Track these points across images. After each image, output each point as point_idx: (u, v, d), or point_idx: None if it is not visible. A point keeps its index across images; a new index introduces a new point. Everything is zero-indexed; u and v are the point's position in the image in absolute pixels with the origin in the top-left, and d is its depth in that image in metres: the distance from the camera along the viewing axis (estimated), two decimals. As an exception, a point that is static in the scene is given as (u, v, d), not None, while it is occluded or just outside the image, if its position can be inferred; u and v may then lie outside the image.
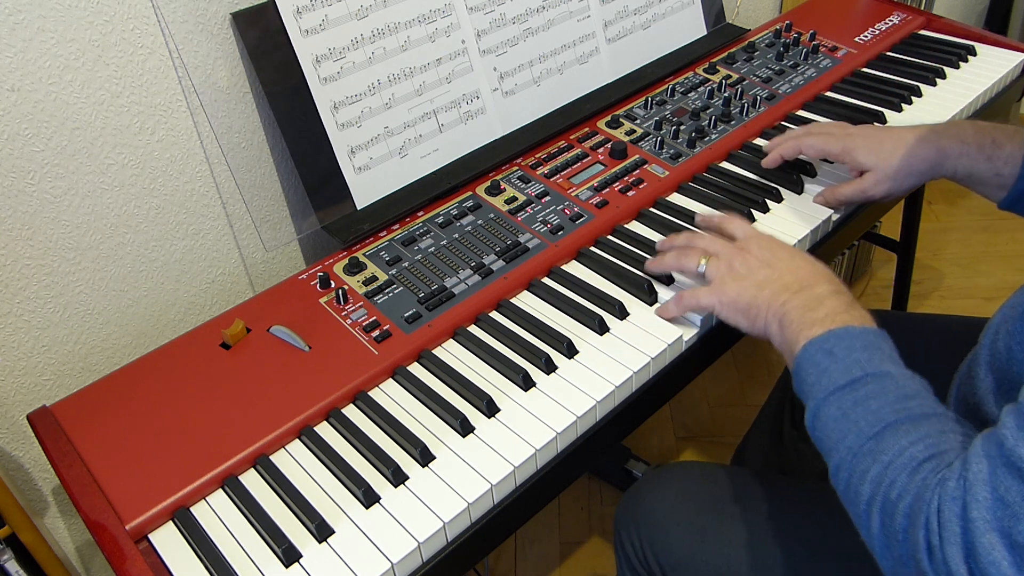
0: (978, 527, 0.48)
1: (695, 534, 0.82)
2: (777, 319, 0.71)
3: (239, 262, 1.05)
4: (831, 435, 0.62)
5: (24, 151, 0.81)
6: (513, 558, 1.47)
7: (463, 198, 0.99)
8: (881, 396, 0.60)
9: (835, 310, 0.68)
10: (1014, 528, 0.47)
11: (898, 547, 0.54)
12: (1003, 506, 0.48)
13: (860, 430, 0.59)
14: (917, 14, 1.37)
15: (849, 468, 0.59)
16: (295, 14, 0.88)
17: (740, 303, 0.75)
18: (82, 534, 1.04)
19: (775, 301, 0.72)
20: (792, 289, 0.72)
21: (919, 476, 0.54)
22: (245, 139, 0.97)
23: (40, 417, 0.76)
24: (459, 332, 0.83)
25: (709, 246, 0.81)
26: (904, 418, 0.58)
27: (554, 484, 0.74)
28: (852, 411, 0.60)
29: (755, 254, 0.78)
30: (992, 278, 2.00)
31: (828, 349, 0.64)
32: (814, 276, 0.73)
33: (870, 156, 0.90)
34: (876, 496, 0.56)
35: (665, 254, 0.85)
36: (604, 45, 1.17)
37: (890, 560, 0.55)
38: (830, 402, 0.62)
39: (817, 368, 0.64)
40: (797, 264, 0.75)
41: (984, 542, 0.48)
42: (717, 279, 0.78)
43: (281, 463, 0.72)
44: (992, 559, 0.47)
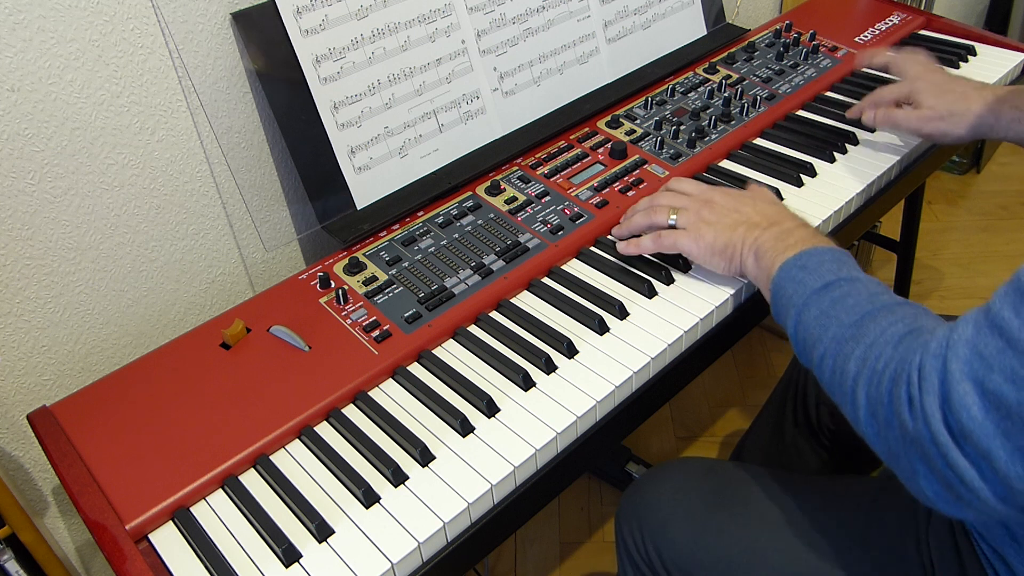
0: (955, 377, 0.52)
1: (696, 529, 0.82)
2: (752, 252, 0.78)
3: (239, 262, 1.05)
4: (813, 332, 0.67)
5: (24, 151, 0.81)
6: (513, 558, 1.47)
7: (463, 198, 0.99)
8: (855, 294, 0.66)
9: (804, 237, 0.75)
10: (987, 377, 0.51)
11: (883, 410, 0.58)
12: (980, 358, 0.51)
13: (840, 321, 0.65)
14: (917, 14, 1.37)
15: (834, 354, 0.64)
16: (295, 14, 0.88)
17: (717, 245, 0.82)
18: (82, 534, 1.04)
19: (748, 237, 0.79)
20: (762, 226, 0.79)
21: (903, 346, 0.59)
22: (245, 139, 0.97)
23: (40, 417, 0.76)
24: (459, 332, 0.83)
25: (674, 201, 0.87)
26: (880, 306, 0.64)
27: (554, 484, 0.74)
28: (831, 308, 0.66)
29: (720, 202, 0.84)
30: (992, 278, 2.00)
31: (802, 264, 0.71)
32: (779, 213, 0.81)
33: (933, 98, 0.97)
34: (863, 370, 0.61)
35: (632, 217, 0.90)
36: (604, 45, 1.17)
37: (875, 426, 0.60)
38: (809, 304, 0.68)
39: (794, 281, 0.71)
40: (760, 206, 0.83)
41: (959, 389, 0.52)
42: (691, 226, 0.84)
43: (281, 463, 0.72)
44: (964, 403, 0.51)
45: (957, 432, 0.52)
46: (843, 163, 1.04)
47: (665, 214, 0.86)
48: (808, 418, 1.10)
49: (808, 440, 1.11)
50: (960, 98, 0.96)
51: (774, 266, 0.74)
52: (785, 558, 0.78)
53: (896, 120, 1.01)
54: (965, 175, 2.35)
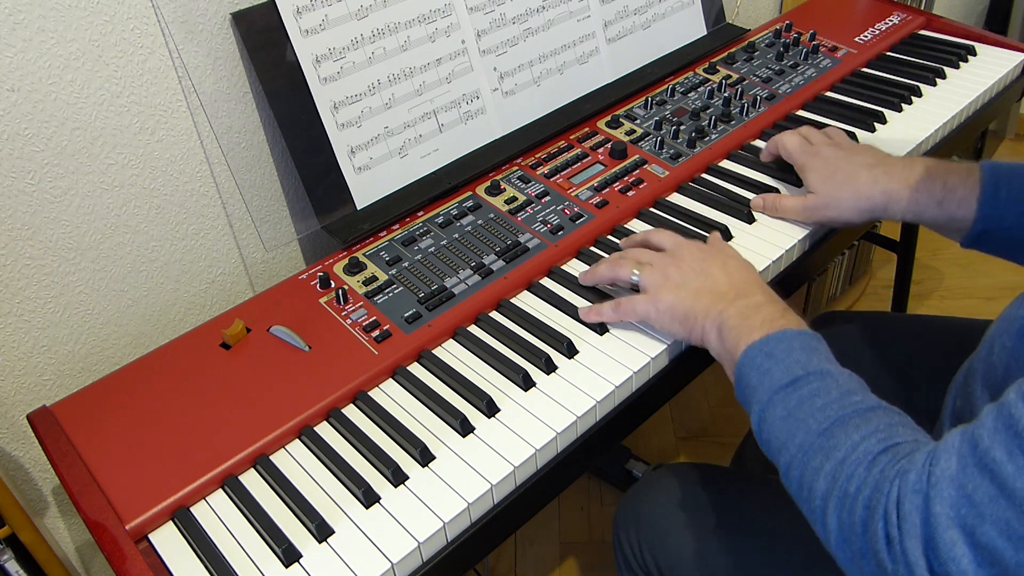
0: (940, 522, 0.48)
1: (694, 536, 0.82)
2: (715, 327, 0.72)
3: (239, 262, 1.05)
4: (779, 435, 0.62)
5: (24, 151, 0.81)
6: (513, 558, 1.47)
7: (463, 198, 0.99)
8: (824, 394, 0.61)
9: (771, 316, 0.69)
10: (978, 527, 0.46)
11: (857, 540, 0.53)
12: (969, 504, 0.47)
13: (808, 428, 0.59)
14: (917, 14, 1.37)
15: (801, 466, 0.59)
16: (295, 14, 0.88)
17: (677, 312, 0.75)
18: (82, 534, 1.04)
19: (712, 309, 0.73)
20: (728, 298, 0.73)
21: (876, 468, 0.54)
22: (245, 139, 0.97)
23: (40, 417, 0.76)
24: (459, 332, 0.83)
25: (641, 256, 0.81)
26: (851, 413, 0.58)
27: (554, 484, 0.74)
28: (798, 409, 0.61)
29: (688, 263, 0.78)
30: (992, 278, 2.00)
31: (768, 352, 0.65)
32: (748, 284, 0.74)
33: (819, 182, 0.89)
34: (833, 491, 0.56)
35: (598, 266, 0.84)
36: (604, 45, 1.17)
37: (848, 553, 0.55)
38: (775, 402, 0.63)
39: (759, 371, 0.65)
40: (730, 273, 0.76)
41: (946, 538, 0.47)
42: (652, 288, 0.78)
43: (281, 463, 0.72)
44: (953, 555, 0.47)
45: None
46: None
47: (629, 269, 0.80)
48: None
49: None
50: (847, 182, 0.86)
51: (738, 347, 0.67)
52: (783, 566, 0.78)
53: (783, 207, 0.93)
54: (965, 175, 2.34)
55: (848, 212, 0.87)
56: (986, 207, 0.79)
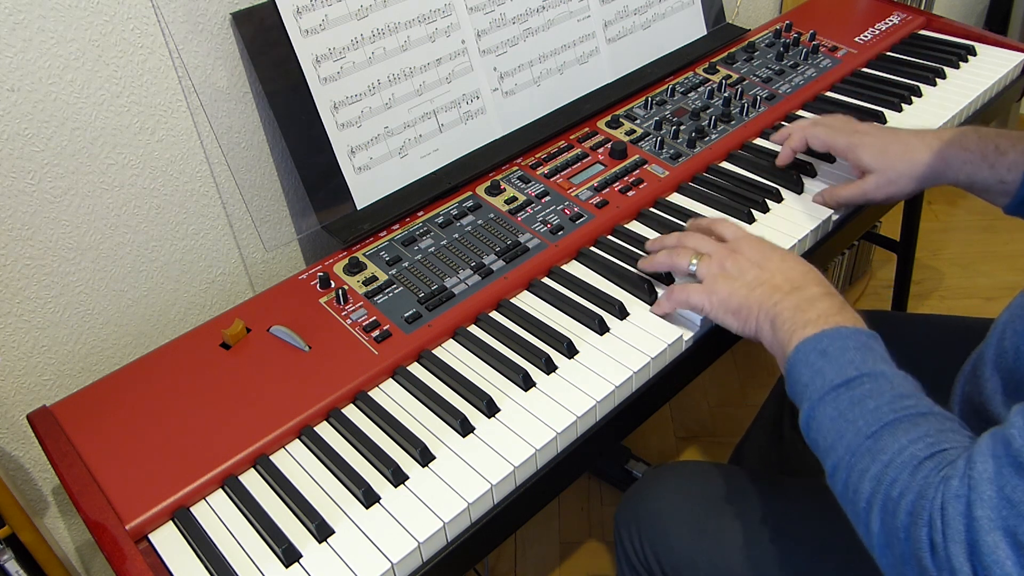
0: (982, 525, 0.48)
1: (695, 533, 0.82)
2: (769, 320, 0.71)
3: (239, 262, 1.05)
4: (828, 436, 0.61)
5: (24, 151, 0.81)
6: (513, 558, 1.47)
7: (463, 198, 0.99)
8: (877, 396, 0.60)
9: (827, 311, 0.68)
10: (1019, 527, 0.47)
11: (900, 545, 0.53)
12: (1008, 505, 0.48)
13: (858, 429, 0.59)
14: (917, 14, 1.37)
15: (848, 467, 0.59)
16: (295, 14, 0.88)
17: (731, 303, 0.75)
18: (82, 534, 1.04)
19: (767, 302, 0.72)
20: (784, 290, 0.72)
21: (921, 474, 0.54)
22: (245, 139, 0.97)
23: (40, 417, 0.76)
24: (459, 332, 0.83)
25: (700, 245, 0.81)
26: (902, 417, 0.58)
27: (554, 484, 0.74)
28: (849, 411, 0.60)
29: (746, 255, 0.77)
30: (992, 278, 2.00)
31: (822, 349, 0.64)
32: (805, 278, 0.73)
33: (875, 158, 0.89)
34: (877, 494, 0.56)
35: (656, 253, 0.85)
36: (604, 45, 1.17)
37: (891, 558, 0.55)
38: (826, 402, 0.62)
39: (811, 368, 0.64)
40: (788, 266, 0.75)
41: (988, 540, 0.48)
42: (708, 278, 0.78)
43: (281, 463, 0.72)
44: (996, 558, 0.47)
45: None
46: (843, 163, 1.04)
47: (687, 259, 0.80)
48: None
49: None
50: (903, 153, 0.88)
51: (791, 342, 0.67)
52: (784, 563, 0.78)
53: (842, 197, 0.94)
54: (965, 175, 2.34)
55: (910, 184, 0.88)
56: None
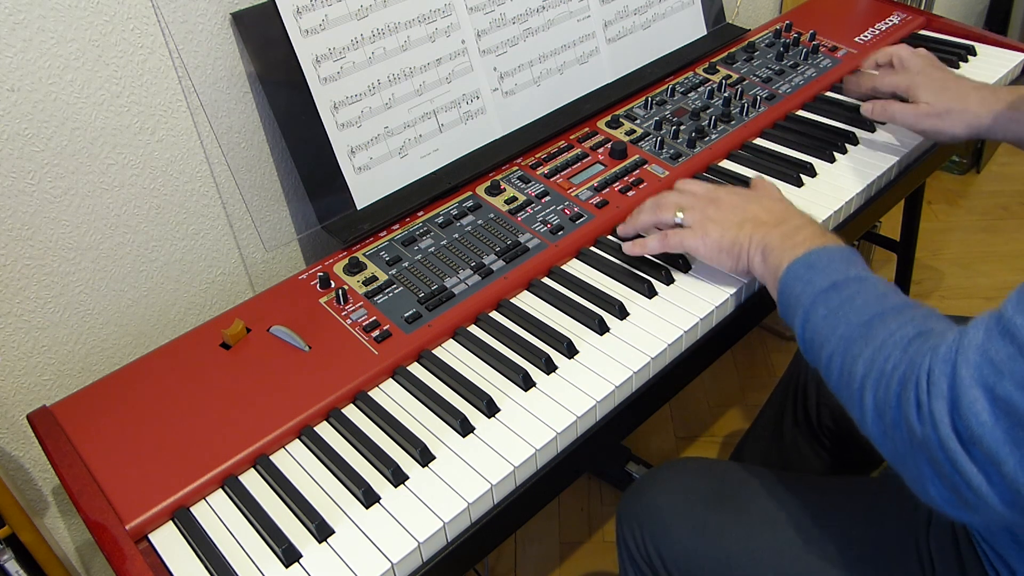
0: (964, 382, 0.52)
1: (697, 528, 0.83)
2: (759, 251, 0.77)
3: (239, 262, 1.05)
4: (821, 332, 0.66)
5: (24, 151, 0.81)
6: (513, 558, 1.47)
7: (463, 198, 0.99)
8: (864, 294, 0.66)
9: (811, 235, 0.74)
10: (997, 384, 0.50)
11: (890, 412, 0.58)
12: (990, 364, 0.51)
13: (849, 321, 0.64)
14: (917, 14, 1.37)
15: (842, 354, 0.63)
16: (295, 14, 0.88)
17: (724, 243, 0.81)
18: (82, 534, 1.04)
19: (756, 235, 0.78)
20: (770, 224, 0.79)
21: (912, 348, 0.58)
22: (245, 139, 0.97)
23: (40, 417, 0.76)
24: (459, 332, 0.83)
25: (681, 200, 0.86)
26: (889, 308, 0.64)
27: (554, 484, 0.74)
28: (839, 308, 0.66)
29: (726, 200, 0.84)
30: (992, 278, 2.00)
31: (810, 263, 0.70)
32: (786, 211, 0.80)
33: (933, 95, 0.98)
34: (871, 372, 0.60)
35: (638, 214, 0.89)
36: (604, 45, 1.17)
37: (880, 427, 0.59)
38: (817, 304, 0.67)
39: (801, 281, 0.70)
40: (768, 203, 0.82)
41: (969, 395, 0.51)
42: (696, 224, 0.83)
43: (281, 463, 0.72)
44: (974, 410, 0.51)
45: (966, 437, 0.52)
46: (843, 163, 1.04)
47: (671, 211, 0.85)
48: (808, 418, 1.10)
49: (808, 440, 1.11)
50: (958, 96, 0.96)
51: (781, 265, 0.73)
52: (785, 558, 0.78)
53: (892, 113, 1.01)
54: (965, 175, 2.35)
55: (957, 127, 0.96)
56: None
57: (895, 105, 1.01)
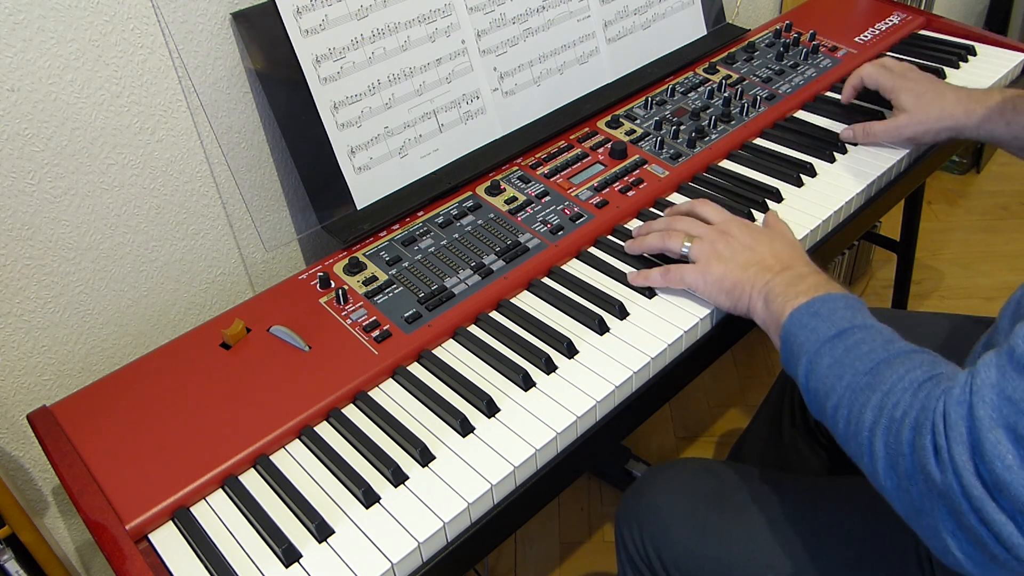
0: (984, 424, 0.49)
1: (696, 529, 0.83)
2: (762, 296, 0.76)
3: (239, 262, 1.05)
4: (826, 381, 0.64)
5: (24, 151, 0.81)
6: (513, 558, 1.47)
7: (463, 198, 0.99)
8: (869, 341, 0.64)
9: (816, 284, 0.73)
10: (1019, 423, 0.48)
11: (904, 461, 0.55)
12: (1009, 403, 0.49)
13: (855, 369, 0.62)
14: (917, 14, 1.37)
15: (848, 403, 0.61)
16: (295, 14, 0.88)
17: (726, 284, 0.79)
18: (82, 534, 1.04)
19: (759, 280, 0.77)
20: (775, 269, 0.77)
21: (922, 393, 0.56)
22: (245, 139, 0.97)
23: (40, 417, 0.76)
24: (459, 332, 0.83)
25: (691, 228, 0.85)
26: (895, 354, 0.62)
27: (554, 484, 0.74)
28: (844, 356, 0.64)
29: (737, 237, 0.82)
30: (992, 278, 2.00)
31: (814, 311, 0.69)
32: (793, 258, 0.79)
33: (911, 100, 1.00)
34: (880, 419, 0.58)
35: (645, 236, 0.88)
36: (604, 45, 1.17)
37: (895, 479, 0.56)
38: (822, 353, 0.65)
39: (805, 329, 0.68)
40: (776, 246, 0.80)
41: (991, 438, 0.49)
42: (702, 260, 0.82)
43: (281, 463, 0.72)
44: (998, 453, 0.48)
45: (991, 484, 0.49)
46: (843, 163, 1.04)
47: (679, 241, 0.83)
48: (806, 418, 1.10)
49: (806, 440, 1.11)
50: (936, 99, 0.98)
51: (784, 312, 0.71)
52: (784, 559, 0.78)
53: (875, 133, 1.03)
54: (965, 175, 2.35)
55: (934, 129, 0.98)
56: None
57: (874, 126, 1.03)
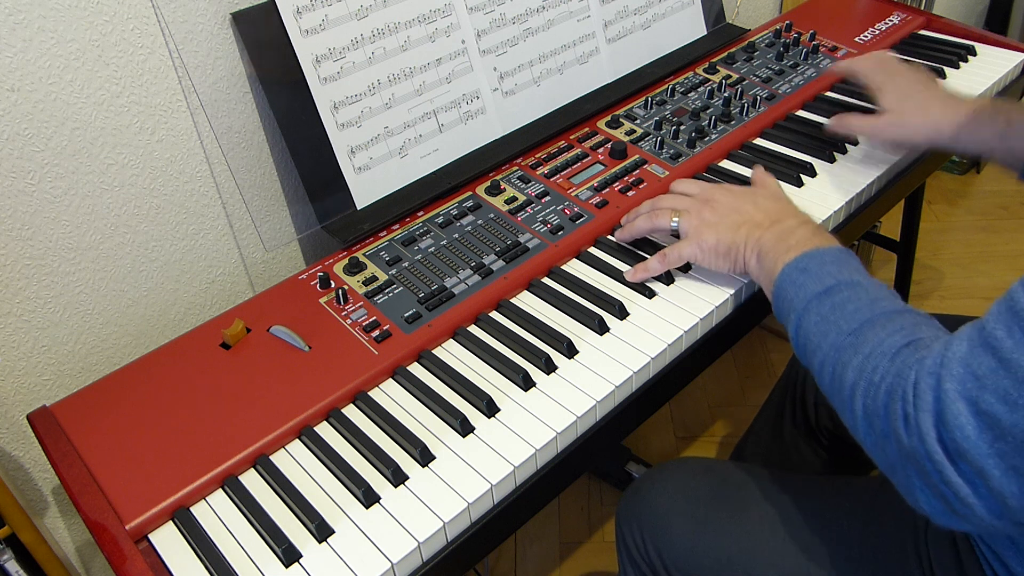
0: (949, 396, 0.53)
1: (696, 528, 0.83)
2: (755, 253, 0.78)
3: (239, 262, 1.05)
4: (813, 338, 0.67)
5: (24, 151, 0.81)
6: (513, 558, 1.47)
7: (463, 198, 0.99)
8: (855, 300, 0.66)
9: (805, 237, 0.75)
10: (981, 397, 0.51)
11: (879, 422, 0.59)
12: (974, 378, 0.52)
13: (840, 328, 0.65)
14: (917, 14, 1.37)
15: (833, 362, 0.64)
16: (295, 14, 0.88)
17: (720, 247, 0.81)
18: (82, 534, 1.04)
19: (751, 238, 0.79)
20: (764, 225, 0.79)
21: (899, 359, 0.59)
22: (245, 139, 0.97)
23: (40, 417, 0.76)
24: (459, 332, 0.83)
25: (676, 203, 0.87)
26: (879, 314, 0.64)
27: (554, 484, 0.74)
28: (831, 314, 0.66)
29: (721, 202, 0.84)
30: (992, 278, 2.00)
31: (803, 267, 0.71)
32: (780, 211, 0.81)
33: (895, 101, 0.96)
34: (859, 381, 0.61)
35: (634, 221, 0.89)
36: (604, 45, 1.17)
37: (872, 436, 0.60)
38: (809, 310, 0.68)
39: (794, 285, 0.71)
40: (761, 202, 0.83)
41: (953, 409, 0.52)
42: (693, 230, 0.83)
43: (281, 463, 0.72)
44: (959, 423, 0.52)
45: (952, 450, 0.53)
46: (843, 163, 1.04)
47: (667, 217, 0.85)
48: (807, 418, 1.10)
49: (807, 440, 1.12)
50: (920, 104, 0.94)
51: (776, 267, 0.73)
52: (784, 558, 0.78)
53: (852, 126, 1.00)
54: (965, 175, 2.35)
55: (917, 135, 0.93)
56: None
57: (855, 119, 1.00)
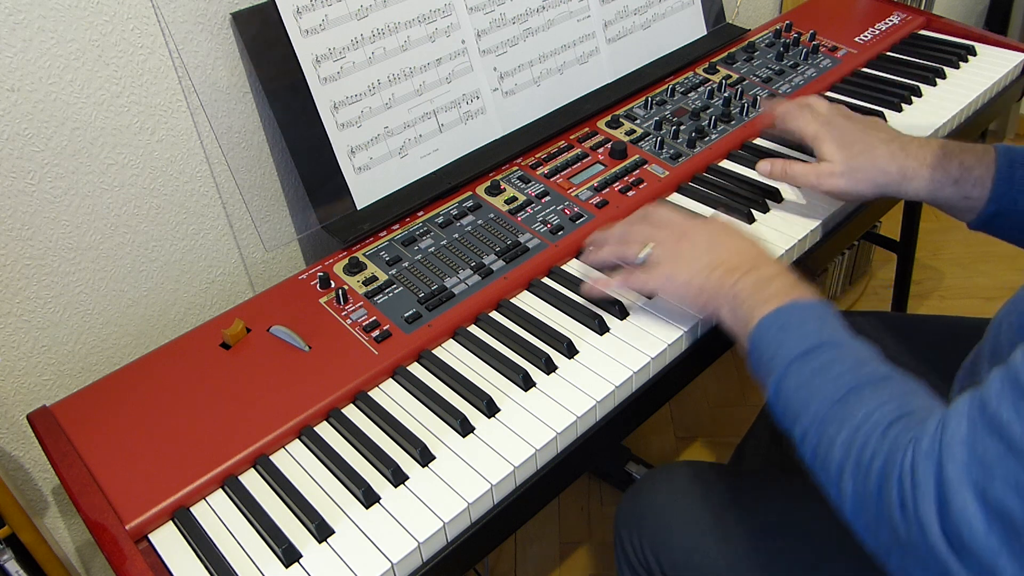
0: (953, 484, 0.48)
1: (695, 533, 0.82)
2: (728, 301, 0.72)
3: (239, 262, 1.05)
4: (793, 405, 0.62)
5: (24, 151, 0.81)
6: (513, 558, 1.47)
7: (463, 198, 0.99)
8: (839, 363, 0.61)
9: (783, 288, 0.69)
10: (988, 486, 0.47)
11: (872, 507, 0.54)
12: (980, 465, 0.47)
13: (824, 396, 0.60)
14: (917, 14, 1.37)
15: (816, 434, 0.59)
16: (295, 14, 0.88)
17: (691, 287, 0.76)
18: (82, 534, 1.04)
19: (725, 283, 0.73)
20: (741, 270, 0.73)
21: (891, 435, 0.54)
22: (245, 139, 0.97)
23: (40, 417, 0.76)
24: (459, 332, 0.83)
25: (649, 234, 0.80)
26: (865, 382, 0.59)
27: (554, 484, 0.74)
28: (812, 379, 0.61)
29: (697, 239, 0.78)
30: (992, 278, 2.00)
31: (781, 324, 0.66)
32: (757, 258, 0.74)
33: (835, 151, 0.87)
34: (848, 460, 0.56)
35: (600, 248, 0.85)
36: (604, 45, 1.17)
37: (863, 520, 0.55)
38: (789, 372, 0.63)
39: (773, 342, 0.65)
40: (739, 246, 0.76)
41: (958, 499, 0.48)
42: (665, 261, 0.78)
43: (281, 463, 0.72)
44: (965, 516, 0.47)
45: (956, 545, 0.48)
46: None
47: (636, 248, 0.80)
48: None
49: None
50: (863, 151, 0.86)
51: (752, 320, 0.68)
52: (784, 562, 0.78)
53: (793, 175, 0.91)
54: (965, 175, 2.34)
55: (863, 185, 0.86)
56: (1000, 188, 0.79)
57: (796, 166, 0.90)
